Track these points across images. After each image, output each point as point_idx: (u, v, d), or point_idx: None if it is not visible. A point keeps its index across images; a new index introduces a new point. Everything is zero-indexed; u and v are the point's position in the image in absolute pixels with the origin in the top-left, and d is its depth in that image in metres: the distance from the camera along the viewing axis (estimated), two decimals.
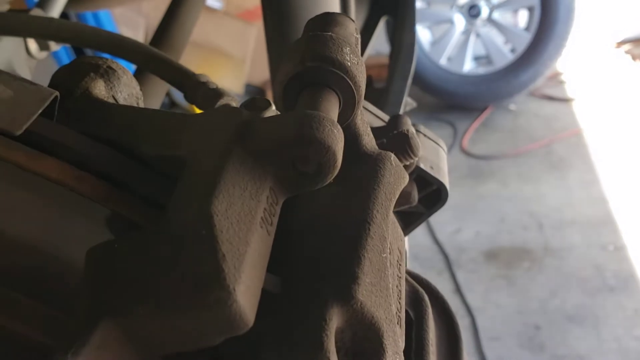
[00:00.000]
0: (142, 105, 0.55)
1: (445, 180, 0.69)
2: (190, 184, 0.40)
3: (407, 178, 0.52)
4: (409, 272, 0.63)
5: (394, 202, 0.49)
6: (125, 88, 0.52)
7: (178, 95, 4.43)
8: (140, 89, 0.56)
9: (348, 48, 0.48)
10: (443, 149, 0.73)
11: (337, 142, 0.41)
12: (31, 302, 0.41)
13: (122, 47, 0.68)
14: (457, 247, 3.23)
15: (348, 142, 0.50)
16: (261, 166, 0.42)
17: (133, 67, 0.77)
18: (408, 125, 0.66)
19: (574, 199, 3.43)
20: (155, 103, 0.89)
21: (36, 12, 0.83)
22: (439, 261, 3.15)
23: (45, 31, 0.67)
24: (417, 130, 0.72)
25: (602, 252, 3.06)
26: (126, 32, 4.03)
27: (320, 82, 0.47)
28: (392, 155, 0.51)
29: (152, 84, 0.90)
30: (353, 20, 0.54)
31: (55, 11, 0.98)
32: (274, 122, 0.43)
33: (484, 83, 4.20)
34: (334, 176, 0.42)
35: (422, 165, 0.67)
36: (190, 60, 4.04)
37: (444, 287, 2.98)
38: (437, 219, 3.37)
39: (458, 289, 2.97)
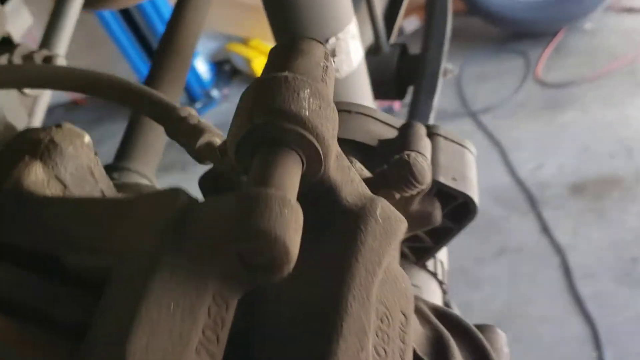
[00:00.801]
0: (98, 170, 0.48)
1: (473, 190, 0.60)
2: (109, 308, 0.33)
3: (403, 229, 0.43)
4: (435, 309, 0.55)
5: (383, 267, 0.41)
6: (70, 162, 0.45)
7: (238, 61, 4.39)
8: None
9: (307, 90, 0.39)
10: (470, 151, 0.63)
11: (288, 228, 0.33)
12: None
13: (97, 85, 0.62)
14: (540, 183, 3.07)
15: (321, 200, 0.42)
16: (199, 269, 0.34)
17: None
18: (418, 137, 0.57)
19: None
20: None
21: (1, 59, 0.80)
22: (522, 201, 3.01)
23: (10, 78, 0.62)
24: (436, 134, 0.62)
25: None
26: None
27: (275, 140, 0.38)
28: (380, 206, 0.43)
29: None
30: (322, 43, 0.45)
31: (61, 47, 0.95)
32: (213, 209, 0.35)
33: (554, 5, 3.88)
34: (290, 269, 0.34)
35: (442, 179, 0.58)
36: (244, 23, 3.97)
37: (530, 228, 2.86)
38: (517, 156, 3.22)
39: (545, 228, 2.85)
